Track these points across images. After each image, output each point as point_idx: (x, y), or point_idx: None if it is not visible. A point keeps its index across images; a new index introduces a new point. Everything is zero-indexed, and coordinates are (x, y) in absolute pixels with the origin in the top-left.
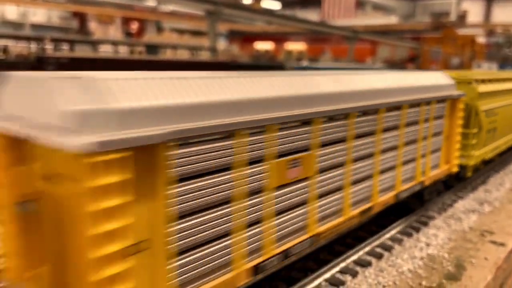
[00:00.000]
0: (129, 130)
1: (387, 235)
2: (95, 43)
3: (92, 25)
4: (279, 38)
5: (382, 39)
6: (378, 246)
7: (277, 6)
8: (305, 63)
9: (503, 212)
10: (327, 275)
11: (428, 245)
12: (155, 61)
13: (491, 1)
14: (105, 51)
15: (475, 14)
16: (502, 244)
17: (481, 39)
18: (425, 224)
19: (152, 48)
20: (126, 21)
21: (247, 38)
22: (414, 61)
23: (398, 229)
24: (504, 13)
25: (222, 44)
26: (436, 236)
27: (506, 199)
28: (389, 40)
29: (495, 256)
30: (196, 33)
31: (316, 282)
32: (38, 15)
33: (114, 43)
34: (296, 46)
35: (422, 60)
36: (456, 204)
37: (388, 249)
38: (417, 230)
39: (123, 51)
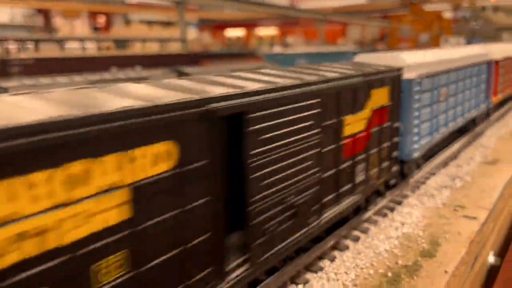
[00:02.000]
0: None
1: (363, 218)
2: (61, 40)
3: (58, 21)
4: (250, 24)
5: (352, 19)
6: (355, 229)
7: None
8: (277, 48)
9: (474, 186)
10: (306, 261)
11: (403, 224)
12: (123, 57)
13: None
14: (72, 47)
15: None
16: (474, 218)
17: (449, 14)
18: (400, 203)
19: (120, 42)
20: (93, 15)
21: (218, 26)
22: (383, 40)
23: (373, 211)
24: None
25: (193, 33)
26: (410, 215)
27: (477, 173)
28: (358, 20)
29: (468, 230)
30: (166, 24)
31: (295, 269)
32: (1, 14)
33: (81, 40)
34: (267, 31)
35: (391, 38)
36: (429, 181)
37: (365, 231)
38: (392, 210)
39: (90, 47)
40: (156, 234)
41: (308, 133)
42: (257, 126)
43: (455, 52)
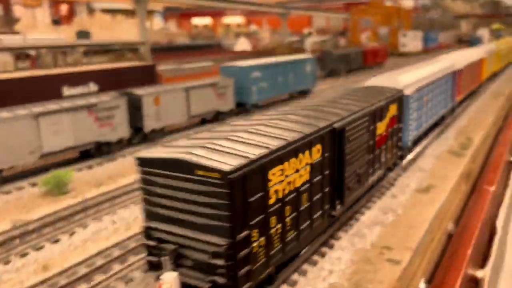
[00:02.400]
0: None
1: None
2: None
3: (18, 10)
4: (216, 13)
5: (315, 12)
6: (283, 282)
7: None
8: (242, 38)
9: (404, 220)
10: None
11: (331, 272)
12: (75, 74)
13: None
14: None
15: None
16: (397, 262)
17: (410, 3)
18: (331, 247)
19: (82, 33)
20: (55, 4)
21: (184, 14)
22: (345, 34)
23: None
24: None
25: (158, 22)
26: (339, 260)
27: (409, 204)
28: (322, 12)
29: (390, 277)
30: (131, 13)
31: None
32: None
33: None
34: (234, 19)
35: (352, 30)
36: (363, 217)
37: (293, 284)
38: (323, 255)
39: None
40: (314, 187)
41: (368, 136)
42: (350, 134)
43: (430, 69)
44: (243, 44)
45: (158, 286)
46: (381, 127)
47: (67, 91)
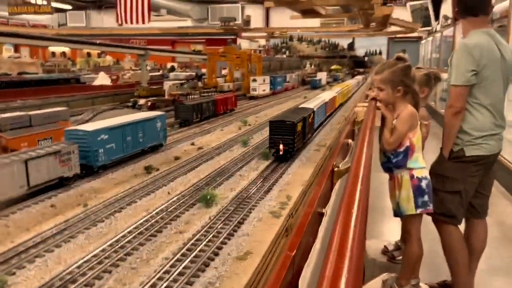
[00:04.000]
0: None
1: None
2: None
3: None
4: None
5: (173, 54)
6: None
7: (68, 7)
8: (102, 73)
9: None
10: None
11: None
12: None
13: (268, 8)
14: None
15: (257, 19)
16: None
17: (263, 42)
18: None
19: None
20: None
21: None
22: (200, 78)
23: None
24: (280, 18)
25: (8, 50)
26: None
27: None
28: (183, 54)
29: None
30: None
31: None
32: None
33: None
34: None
35: (209, 72)
36: None
37: None
38: None
39: None
40: None
41: None
42: None
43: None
44: (103, 79)
45: None
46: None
47: None
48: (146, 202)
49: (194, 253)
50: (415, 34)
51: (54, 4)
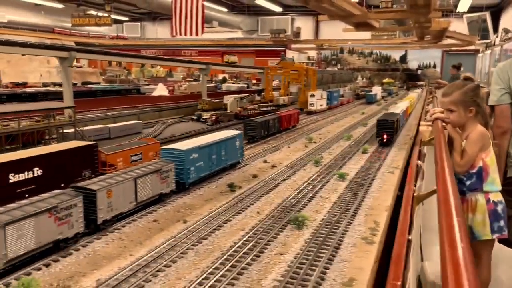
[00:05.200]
0: None
1: None
2: None
3: None
4: (130, 50)
5: (229, 67)
6: None
7: (124, 18)
8: (160, 84)
9: None
10: None
11: None
12: None
13: (318, 21)
14: None
15: (307, 31)
16: None
17: (313, 53)
18: None
19: None
20: None
21: (96, 50)
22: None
23: None
24: (329, 30)
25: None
26: None
27: None
28: (237, 67)
29: None
30: None
31: None
32: None
33: None
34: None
35: (266, 87)
36: None
37: None
38: None
39: None
40: None
41: None
42: None
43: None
44: (161, 90)
45: None
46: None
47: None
48: (239, 220)
49: (301, 276)
50: (471, 47)
51: (112, 16)
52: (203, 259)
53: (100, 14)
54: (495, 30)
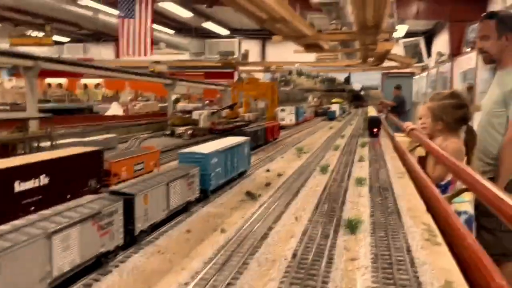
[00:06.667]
0: None
1: None
2: None
3: None
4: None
5: (194, 84)
6: None
7: (66, 39)
8: (115, 103)
9: None
10: None
11: None
12: None
13: (264, 43)
14: None
15: (254, 54)
16: None
17: (260, 75)
18: None
19: None
20: None
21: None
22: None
23: None
24: (275, 52)
25: (6, 81)
26: None
27: None
28: (200, 84)
29: None
30: None
31: None
32: None
33: None
34: (92, 79)
35: (236, 101)
36: None
37: None
38: None
39: None
40: None
41: None
42: None
43: None
44: (115, 109)
45: None
46: None
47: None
48: (283, 227)
49: (397, 282)
50: (408, 70)
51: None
52: (269, 269)
53: (40, 34)
54: (429, 53)
